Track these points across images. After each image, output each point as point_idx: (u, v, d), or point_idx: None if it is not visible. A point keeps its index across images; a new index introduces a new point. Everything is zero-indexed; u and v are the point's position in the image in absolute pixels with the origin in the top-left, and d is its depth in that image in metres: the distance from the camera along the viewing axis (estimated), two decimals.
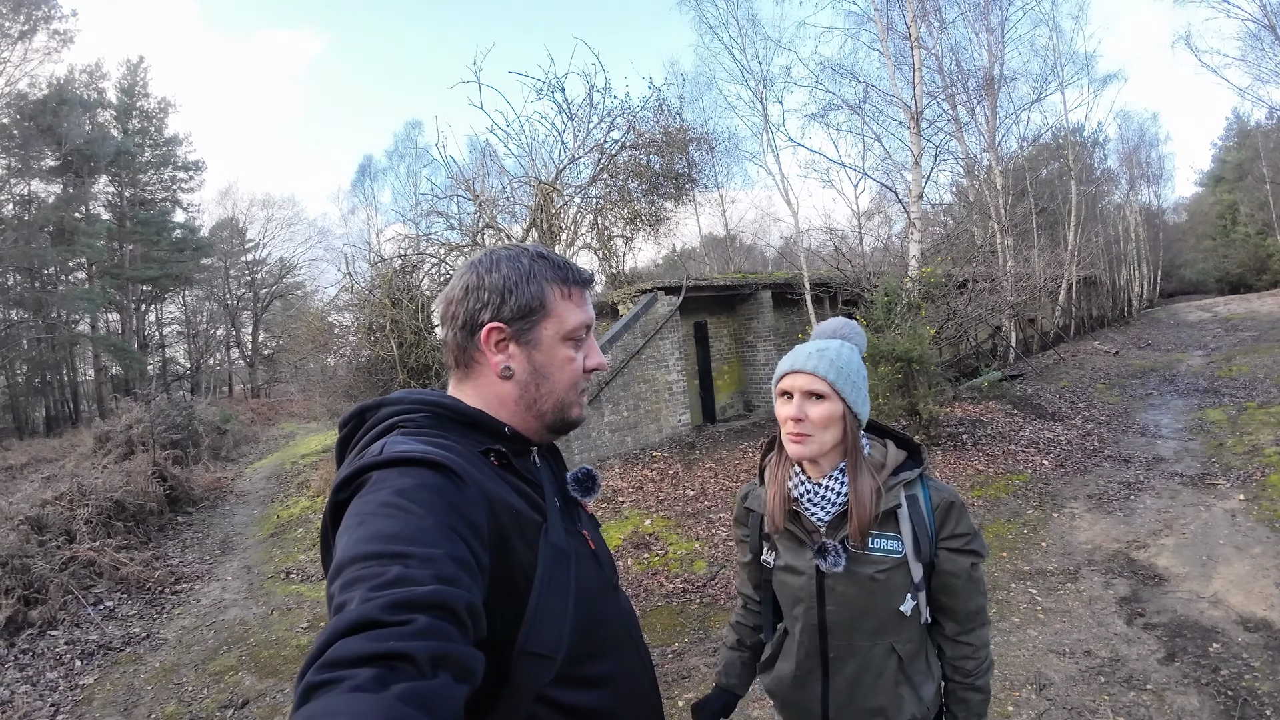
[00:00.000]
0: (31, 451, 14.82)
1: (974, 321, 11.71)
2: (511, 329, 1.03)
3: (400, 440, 0.90)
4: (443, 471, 0.83)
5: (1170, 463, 7.48)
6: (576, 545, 1.03)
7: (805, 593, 1.49)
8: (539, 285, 1.04)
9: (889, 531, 1.42)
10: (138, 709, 4.15)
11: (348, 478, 0.84)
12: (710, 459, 8.78)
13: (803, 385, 1.43)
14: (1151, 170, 31.99)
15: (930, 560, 1.44)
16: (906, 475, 1.45)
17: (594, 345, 1.12)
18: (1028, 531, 5.76)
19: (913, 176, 11.40)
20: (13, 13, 21.47)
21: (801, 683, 1.53)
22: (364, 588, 0.66)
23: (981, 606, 1.50)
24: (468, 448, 0.94)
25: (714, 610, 4.74)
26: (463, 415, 0.99)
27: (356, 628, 0.61)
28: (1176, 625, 4.02)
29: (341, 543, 0.74)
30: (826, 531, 1.46)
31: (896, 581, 1.41)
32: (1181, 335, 20.42)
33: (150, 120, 29.78)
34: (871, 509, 1.39)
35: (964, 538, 1.45)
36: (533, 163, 14.32)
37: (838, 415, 1.41)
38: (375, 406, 1.00)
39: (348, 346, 14.05)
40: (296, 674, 0.59)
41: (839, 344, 1.48)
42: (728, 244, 23.40)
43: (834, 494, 1.45)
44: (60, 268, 25.44)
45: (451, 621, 0.66)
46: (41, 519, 6.35)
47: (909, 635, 1.46)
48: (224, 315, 34.14)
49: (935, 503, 1.45)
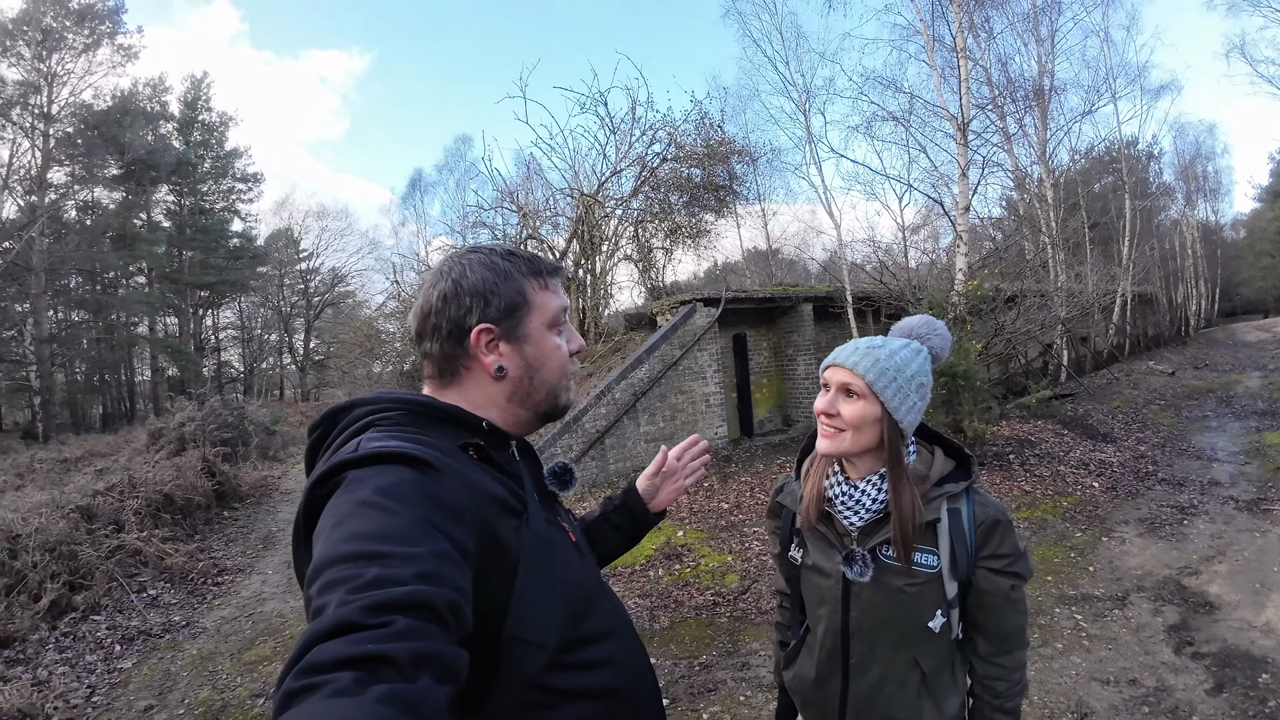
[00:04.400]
0: (87, 446, 15.35)
1: (1023, 338, 11.38)
2: (500, 328, 1.03)
3: (376, 437, 0.89)
4: (420, 466, 0.82)
5: (1225, 487, 7.17)
6: (557, 535, 1.03)
7: (830, 595, 1.43)
8: (517, 281, 1.05)
9: (926, 545, 1.34)
10: (172, 694, 4.23)
11: (323, 475, 0.83)
12: (746, 472, 8.67)
13: (840, 380, 1.36)
14: (1208, 184, 30.77)
15: (967, 577, 1.35)
16: (952, 488, 1.36)
17: (572, 330, 1.14)
18: (1075, 555, 5.55)
19: (960, 189, 11.18)
20: (77, 26, 22.57)
21: (821, 684, 1.47)
22: (342, 590, 0.64)
23: (1020, 628, 1.40)
24: (446, 443, 0.93)
25: (744, 625, 4.65)
26: (439, 411, 0.99)
27: (335, 631, 0.60)
28: (1226, 655, 3.83)
29: (319, 544, 0.73)
30: (858, 538, 1.39)
31: (927, 596, 1.34)
32: (1240, 356, 19.67)
33: (211, 133, 31.01)
34: (912, 525, 1.31)
35: (1006, 558, 1.35)
36: (575, 175, 14.51)
37: (872, 417, 1.33)
38: (348, 407, 1.00)
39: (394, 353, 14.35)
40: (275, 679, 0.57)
41: (901, 344, 1.39)
42: (769, 257, 23.25)
43: (869, 499, 1.38)
44: (121, 272, 26.56)
45: (433, 621, 0.65)
46: (92, 509, 6.56)
47: (935, 649, 1.38)
48: (277, 321, 35.26)
49: (979, 519, 1.35)
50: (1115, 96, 19.14)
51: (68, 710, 4.02)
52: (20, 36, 21.27)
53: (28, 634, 4.88)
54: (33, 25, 21.20)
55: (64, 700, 4.11)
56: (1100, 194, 22.66)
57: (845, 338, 11.92)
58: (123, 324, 26.34)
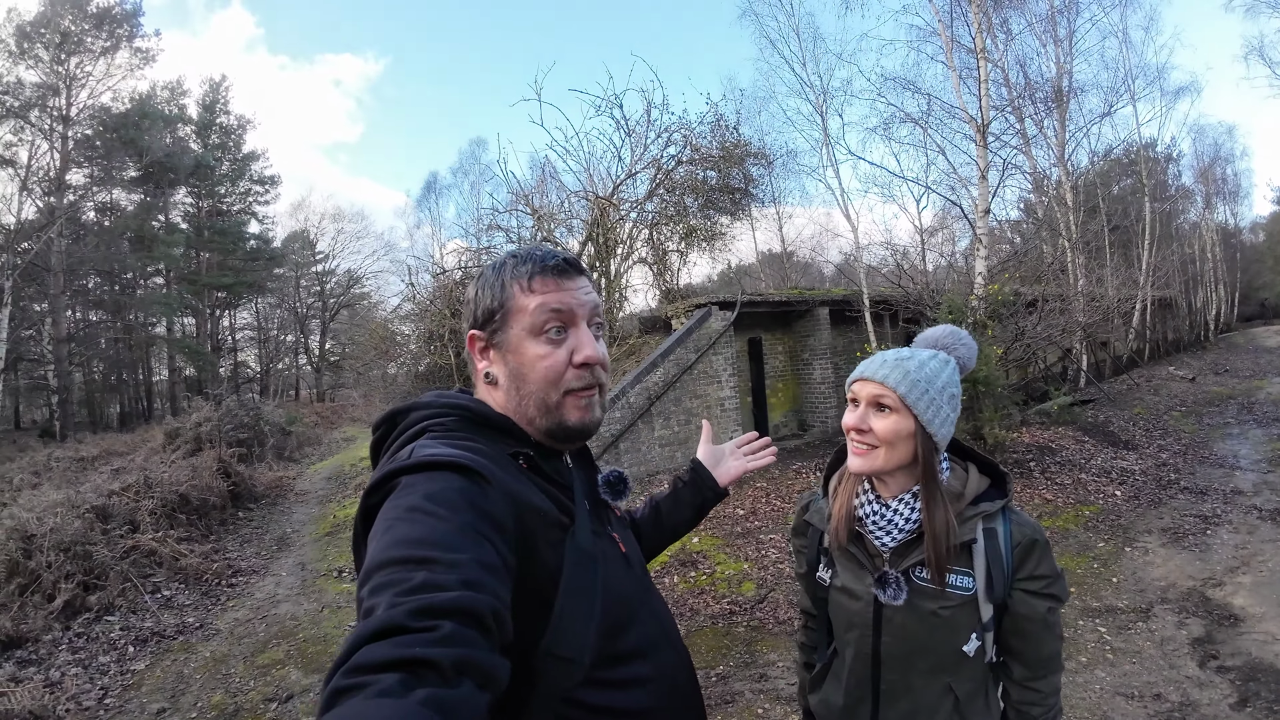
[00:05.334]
0: (104, 445, 15.49)
1: (1043, 343, 11.22)
2: (485, 334, 1.04)
3: (428, 444, 0.90)
4: (468, 474, 0.83)
5: (1249, 496, 7.04)
6: (605, 547, 1.02)
7: (860, 619, 1.37)
8: (500, 285, 1.03)
9: (961, 566, 1.29)
10: (184, 697, 4.21)
11: (378, 482, 0.85)
12: (762, 478, 8.57)
13: (871, 394, 1.31)
14: (1228, 187, 30.26)
15: (1003, 600, 1.30)
16: (988, 507, 1.31)
17: (585, 336, 1.02)
18: (1098, 566, 5.45)
19: (979, 191, 11.04)
20: (95, 29, 22.83)
21: (850, 712, 1.41)
22: (390, 593, 0.66)
23: (1056, 652, 1.35)
24: (496, 451, 0.93)
25: (761, 634, 4.57)
26: (491, 420, 1.00)
27: (382, 633, 0.61)
28: (1251, 668, 3.75)
29: (371, 547, 0.75)
30: (890, 559, 1.33)
31: (962, 619, 1.29)
32: (1261, 361, 19.44)
33: (229, 136, 31.29)
34: (946, 544, 1.26)
35: (1044, 580, 1.30)
36: (590, 178, 14.48)
37: (906, 432, 1.28)
38: (406, 410, 1.01)
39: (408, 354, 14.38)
40: (323, 677, 0.58)
41: (929, 354, 1.35)
42: (785, 260, 23.09)
43: (902, 519, 1.32)
44: (139, 273, 26.85)
45: (475, 628, 0.66)
46: (107, 508, 6.58)
47: (969, 674, 1.32)
48: (294, 322, 35.55)
49: (1016, 540, 1.29)
50: (1134, 98, 18.92)
51: (80, 712, 4.00)
52: (39, 39, 21.54)
53: (41, 634, 4.89)
54: (51, 28, 21.46)
55: (76, 702, 4.10)
56: (1120, 196, 22.39)
57: (862, 342, 11.81)
58: (140, 324, 26.60)
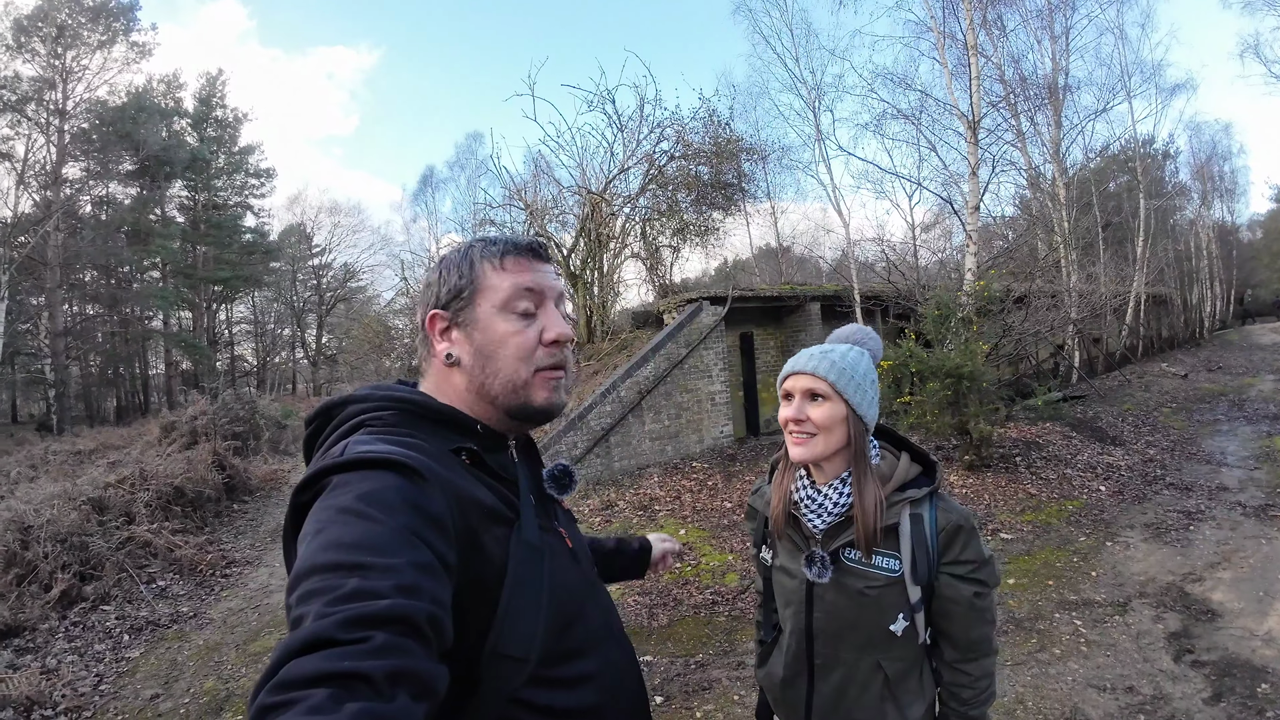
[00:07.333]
0: (101, 439, 15.50)
1: (1033, 338, 11.31)
2: (449, 313, 1.01)
3: (364, 440, 0.87)
4: (405, 473, 0.79)
5: (1234, 492, 7.11)
6: (551, 542, 0.99)
7: (795, 597, 1.48)
8: (469, 264, 1.02)
9: (888, 549, 1.37)
10: (178, 683, 4.30)
11: (308, 480, 0.82)
12: (751, 471, 8.67)
13: (804, 386, 1.40)
14: (1224, 184, 30.47)
15: (929, 583, 1.38)
16: (914, 493, 1.39)
17: (554, 315, 1.04)
18: (1078, 560, 5.52)
19: (970, 187, 11.12)
20: (92, 23, 22.80)
21: (789, 684, 1.52)
22: (320, 602, 0.63)
23: (986, 636, 1.43)
24: (437, 446, 0.90)
25: (742, 624, 4.66)
26: (432, 412, 0.96)
27: (311, 646, 0.59)
28: (1226, 663, 3.81)
29: (301, 550, 0.71)
30: (822, 540, 1.43)
31: (888, 600, 1.37)
32: (1254, 359, 19.47)
33: (225, 129, 31.15)
34: (875, 521, 1.35)
35: (969, 565, 1.38)
36: (583, 173, 14.51)
37: (840, 417, 1.38)
38: (341, 404, 0.97)
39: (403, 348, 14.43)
40: (249, 694, 0.58)
41: (847, 347, 1.46)
42: (779, 255, 23.14)
43: (831, 502, 1.42)
44: (135, 266, 26.80)
45: (411, 636, 0.64)
46: (103, 500, 6.65)
47: (899, 654, 1.41)
48: (290, 316, 35.54)
49: (942, 524, 1.38)
50: (1130, 95, 19.00)
51: (75, 698, 4.09)
52: (35, 33, 21.50)
53: (38, 623, 4.97)
54: (47, 22, 21.42)
55: (72, 688, 4.19)
56: (1114, 193, 22.45)
57: None
58: (137, 318, 26.57)
